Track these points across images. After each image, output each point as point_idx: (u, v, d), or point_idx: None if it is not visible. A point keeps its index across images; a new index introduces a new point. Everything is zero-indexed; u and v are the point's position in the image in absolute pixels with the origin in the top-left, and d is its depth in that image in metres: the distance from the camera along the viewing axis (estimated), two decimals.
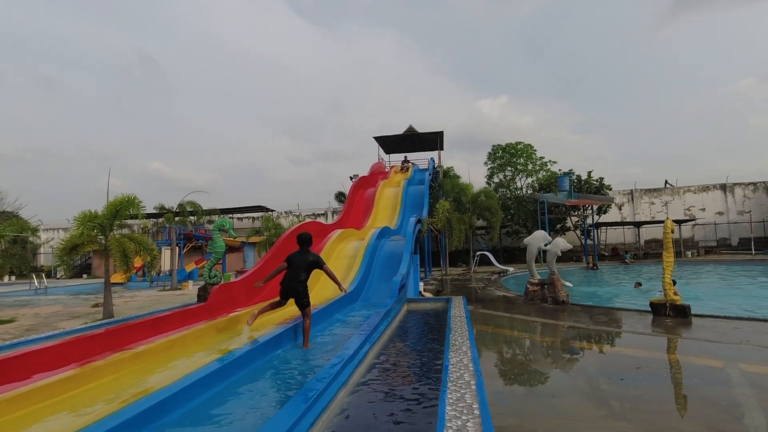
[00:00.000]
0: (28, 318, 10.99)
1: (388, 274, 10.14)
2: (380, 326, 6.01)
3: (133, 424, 2.90)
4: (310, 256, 5.88)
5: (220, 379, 3.99)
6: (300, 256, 5.81)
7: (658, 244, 30.99)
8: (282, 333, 5.55)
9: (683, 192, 33.17)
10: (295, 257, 5.79)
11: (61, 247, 10.81)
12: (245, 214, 37.59)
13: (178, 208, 22.63)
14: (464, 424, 2.45)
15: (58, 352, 4.97)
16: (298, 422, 2.67)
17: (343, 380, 3.65)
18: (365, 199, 20.33)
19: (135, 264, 19.70)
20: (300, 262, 5.76)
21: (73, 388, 4.10)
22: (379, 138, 28.05)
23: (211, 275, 10.27)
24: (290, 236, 10.79)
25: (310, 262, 5.83)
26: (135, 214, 11.26)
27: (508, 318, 8.69)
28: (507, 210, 29.87)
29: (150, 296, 16.16)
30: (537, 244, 10.70)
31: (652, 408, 3.75)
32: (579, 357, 5.77)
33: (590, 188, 29.08)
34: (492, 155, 33.61)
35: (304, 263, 5.78)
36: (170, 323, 6.62)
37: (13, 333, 8.63)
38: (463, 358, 3.98)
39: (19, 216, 30.43)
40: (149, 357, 5.02)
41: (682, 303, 7.81)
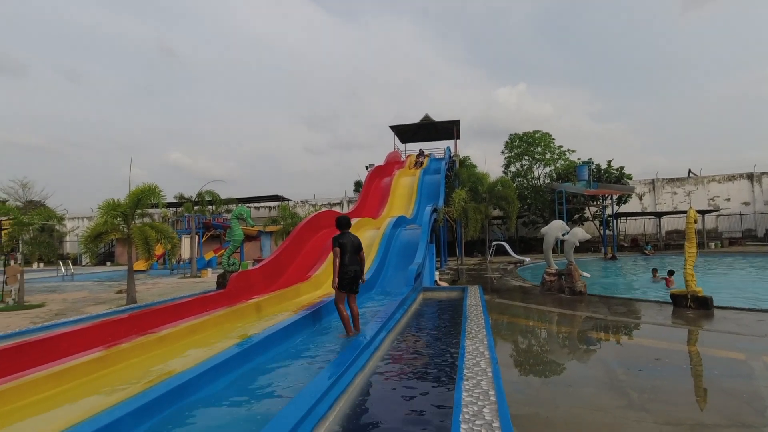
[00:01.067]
0: (57, 303, 11.42)
1: (404, 264, 10.18)
2: (396, 314, 6.06)
3: (160, 403, 3.01)
4: (356, 238, 5.77)
5: (241, 363, 4.10)
6: (349, 238, 5.66)
7: (679, 235, 30.22)
8: (300, 320, 5.65)
9: (707, 182, 32.17)
10: (346, 240, 5.61)
11: (86, 235, 11.14)
12: (262, 203, 37.99)
13: (197, 197, 23.03)
14: (480, 410, 2.47)
15: (86, 335, 5.17)
16: (316, 405, 2.73)
17: (360, 366, 3.71)
18: (381, 188, 20.33)
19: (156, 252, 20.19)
20: (352, 244, 5.63)
21: (102, 368, 4.28)
22: (395, 127, 27.90)
23: (230, 263, 10.46)
24: (306, 225, 10.90)
25: (359, 243, 5.73)
26: (156, 203, 11.51)
27: (524, 308, 8.65)
28: (524, 200, 29.49)
29: (171, 283, 16.57)
30: (554, 234, 10.57)
31: (672, 399, 3.71)
32: (596, 347, 5.73)
33: (610, 178, 28.46)
34: (509, 144, 33.12)
35: (356, 245, 5.67)
36: (191, 309, 6.80)
37: (43, 317, 9.00)
38: (479, 345, 4.00)
39: (46, 205, 31.43)
40: (172, 341, 5.18)
41: (704, 294, 7.65)
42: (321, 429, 2.64)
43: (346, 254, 5.53)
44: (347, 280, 5.49)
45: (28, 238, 13.38)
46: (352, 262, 5.56)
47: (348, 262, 5.53)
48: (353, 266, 5.55)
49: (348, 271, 5.50)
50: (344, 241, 5.59)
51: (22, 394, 3.59)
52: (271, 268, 9.19)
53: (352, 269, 5.53)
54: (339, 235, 5.68)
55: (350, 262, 5.55)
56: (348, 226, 5.83)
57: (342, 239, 5.60)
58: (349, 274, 5.50)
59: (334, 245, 5.56)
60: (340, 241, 5.56)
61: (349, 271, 5.51)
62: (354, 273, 5.53)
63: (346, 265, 5.52)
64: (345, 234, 5.70)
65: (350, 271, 5.51)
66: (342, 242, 5.56)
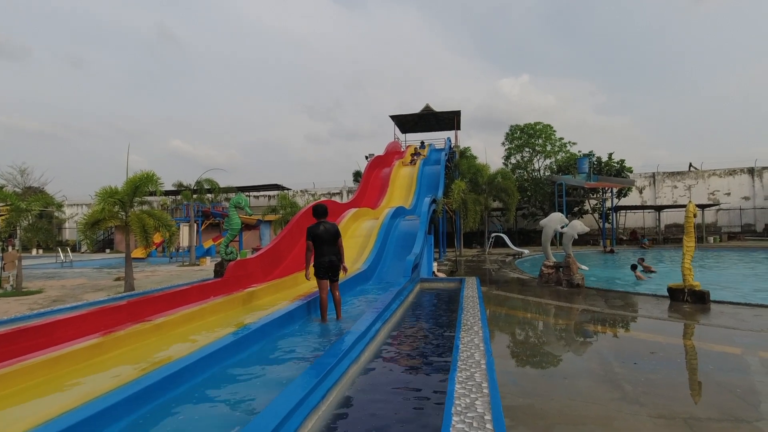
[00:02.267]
0: (55, 289, 11.43)
1: (402, 254, 10.18)
2: (393, 304, 6.06)
3: (154, 390, 3.01)
4: (333, 227, 5.75)
5: (236, 351, 4.10)
6: (324, 228, 5.65)
7: (678, 229, 30.22)
8: (295, 309, 5.65)
9: (708, 176, 32.08)
10: (320, 231, 5.60)
11: (84, 222, 11.11)
12: (261, 192, 37.92)
13: (196, 185, 22.94)
14: (473, 402, 2.47)
15: (83, 322, 5.17)
16: (309, 395, 2.73)
17: (354, 356, 3.71)
18: (380, 178, 20.26)
19: (155, 240, 20.20)
20: (327, 234, 5.61)
21: (98, 355, 4.28)
22: (396, 117, 27.72)
23: (228, 251, 10.44)
24: (305, 214, 10.87)
25: (336, 231, 5.71)
26: (154, 190, 11.46)
27: (521, 300, 8.66)
28: (524, 192, 29.43)
29: (169, 271, 16.59)
30: (553, 227, 10.55)
31: (666, 393, 3.72)
32: (592, 340, 5.74)
33: (611, 171, 28.38)
34: (510, 136, 32.96)
35: (331, 234, 5.65)
36: (188, 297, 6.80)
37: (41, 303, 9.00)
38: (474, 338, 4.00)
39: (45, 191, 31.36)
40: (168, 328, 5.19)
41: (701, 289, 7.66)
42: (313, 418, 2.64)
43: (321, 246, 5.56)
44: (323, 268, 5.56)
45: (27, 224, 13.35)
46: (329, 252, 5.59)
47: (324, 252, 5.57)
48: (329, 256, 5.58)
49: (323, 261, 5.55)
50: (319, 231, 5.59)
51: (18, 380, 3.59)
52: (270, 257, 9.18)
53: (327, 259, 5.57)
54: (314, 225, 5.67)
55: (327, 252, 5.58)
56: (325, 215, 5.81)
57: (316, 230, 5.59)
58: (324, 264, 5.55)
59: (307, 237, 5.58)
60: (315, 232, 5.57)
61: (324, 261, 5.55)
62: (329, 262, 5.56)
63: (322, 255, 5.57)
64: (321, 223, 5.68)
65: (325, 261, 5.56)
66: (316, 233, 5.57)
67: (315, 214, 5.81)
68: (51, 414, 2.68)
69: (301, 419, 2.47)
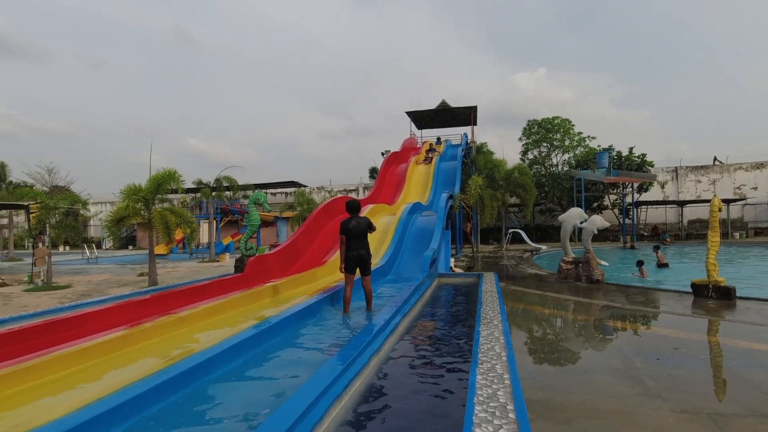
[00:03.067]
0: (82, 284, 11.82)
1: (419, 250, 10.19)
2: (411, 299, 6.10)
3: (182, 380, 3.12)
4: (364, 221, 5.98)
5: (259, 343, 4.20)
6: (356, 222, 5.88)
7: (702, 224, 29.40)
8: (315, 303, 5.74)
9: (734, 169, 31.08)
10: (351, 225, 5.84)
11: (109, 218, 11.44)
12: (278, 189, 38.32)
13: (215, 183, 23.34)
14: (495, 393, 2.49)
15: (111, 315, 5.36)
16: (332, 384, 2.79)
17: (375, 348, 3.76)
18: (397, 174, 20.27)
19: (176, 237, 20.63)
20: (359, 229, 5.85)
21: (125, 346, 4.43)
22: (411, 113, 27.66)
23: (247, 247, 10.62)
24: (322, 211, 10.98)
25: (367, 224, 5.94)
26: (175, 188, 11.72)
27: (539, 296, 8.59)
28: (541, 187, 29.05)
29: (190, 267, 16.95)
30: (572, 222, 10.43)
31: (689, 388, 3.67)
32: (613, 336, 5.67)
33: (631, 165, 27.77)
34: (527, 131, 32.53)
35: (361, 229, 5.87)
36: (210, 291, 6.96)
37: (69, 297, 9.33)
38: (494, 330, 4.01)
39: (71, 190, 32.33)
40: (192, 321, 5.33)
41: (727, 285, 7.48)
42: (337, 407, 2.70)
43: (351, 240, 5.79)
44: (352, 262, 5.79)
45: (55, 221, 13.81)
46: (358, 246, 5.80)
47: (354, 246, 5.79)
48: (358, 250, 5.79)
49: (353, 255, 5.78)
50: (350, 226, 5.83)
51: (51, 369, 3.75)
52: (288, 252, 9.31)
53: (356, 253, 5.78)
54: (346, 220, 5.93)
55: (356, 246, 5.80)
56: (356, 211, 6.06)
57: (348, 224, 5.85)
58: (354, 258, 5.78)
59: (341, 232, 5.86)
60: (346, 227, 5.83)
61: (354, 255, 5.78)
62: (358, 256, 5.78)
63: (351, 249, 5.79)
64: (352, 218, 5.92)
65: (354, 255, 5.78)
66: (347, 227, 5.82)
67: (348, 209, 6.10)
68: (85, 401, 2.80)
69: (325, 407, 2.53)
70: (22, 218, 25.26)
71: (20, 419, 2.87)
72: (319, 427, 2.42)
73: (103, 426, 2.52)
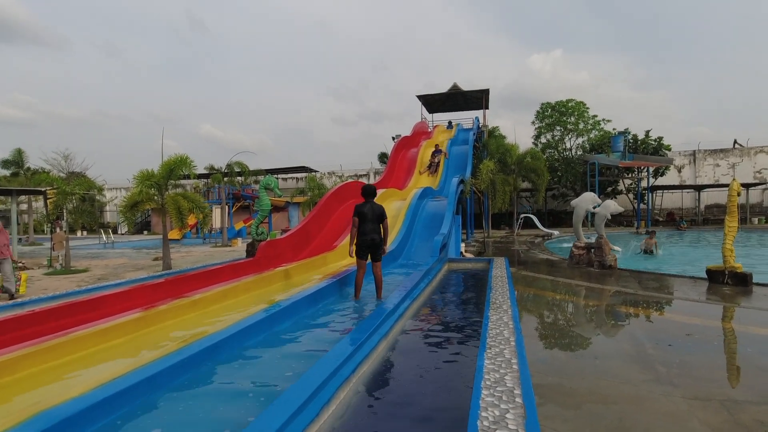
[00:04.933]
0: (99, 268, 12.09)
1: (430, 234, 10.17)
2: (421, 283, 6.11)
3: (195, 360, 3.19)
4: (379, 207, 5.86)
5: (268, 326, 4.26)
6: (370, 207, 5.78)
7: (720, 209, 28.74)
8: (326, 287, 5.78)
9: (755, 153, 30.17)
10: (365, 209, 5.73)
11: (124, 204, 11.64)
12: (290, 174, 38.44)
13: (227, 168, 23.49)
14: (502, 377, 2.49)
15: (127, 298, 5.48)
16: (341, 366, 2.82)
17: (384, 332, 3.79)
18: (407, 159, 20.12)
19: (189, 222, 20.91)
20: (373, 214, 5.75)
21: (141, 328, 4.54)
22: (422, 96, 27.30)
23: (258, 232, 10.69)
24: (333, 196, 10.99)
25: (381, 212, 5.83)
26: (187, 173, 11.83)
27: (551, 281, 8.54)
28: (554, 172, 28.63)
29: (203, 252, 17.22)
30: (585, 207, 10.28)
31: (702, 374, 3.63)
32: (625, 322, 5.63)
33: (647, 149, 27.14)
34: (540, 114, 31.91)
35: (376, 214, 5.77)
36: (222, 275, 7.05)
37: (87, 281, 9.57)
38: (503, 315, 4.00)
39: (87, 176, 32.85)
40: (205, 304, 5.42)
41: (744, 271, 7.34)
42: (345, 389, 2.74)
43: (365, 223, 5.69)
44: (364, 247, 5.69)
45: (72, 207, 14.08)
46: (371, 231, 5.70)
47: (367, 230, 5.69)
48: (371, 235, 5.69)
49: (365, 240, 5.68)
50: (364, 210, 5.72)
51: (71, 349, 3.86)
52: (299, 237, 9.36)
53: (369, 238, 5.68)
54: (361, 204, 5.82)
55: (369, 230, 5.70)
56: (372, 196, 5.94)
57: (362, 208, 5.74)
58: (366, 242, 5.67)
59: (354, 214, 5.74)
60: (360, 210, 5.72)
61: (366, 239, 5.68)
62: (371, 241, 5.68)
63: (365, 234, 5.69)
64: (367, 203, 5.82)
65: (367, 239, 5.68)
66: (362, 211, 5.71)
67: (363, 193, 5.97)
68: (103, 380, 2.89)
69: (334, 389, 2.57)
70: (40, 204, 25.82)
71: (41, 397, 2.97)
72: (328, 407, 2.46)
73: (117, 405, 2.59)
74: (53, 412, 2.34)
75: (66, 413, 2.32)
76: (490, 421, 2.00)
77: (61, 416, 2.29)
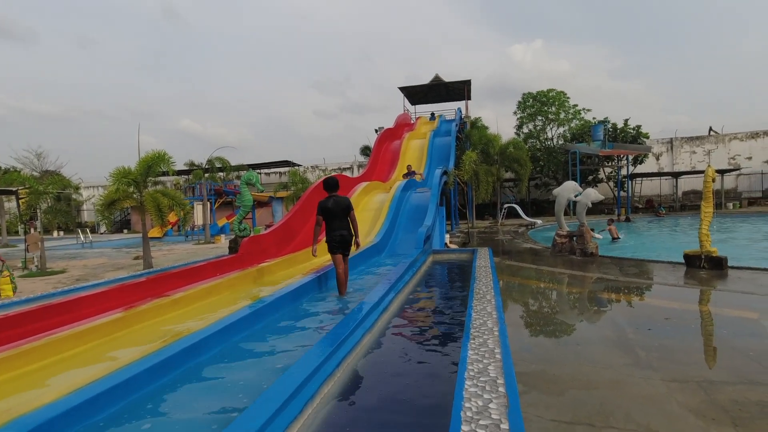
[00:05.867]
0: (78, 269, 11.78)
1: (414, 227, 10.18)
2: (405, 276, 6.11)
3: (174, 361, 3.12)
4: (344, 200, 5.59)
5: (252, 323, 4.20)
6: (335, 202, 5.50)
7: (696, 195, 29.51)
8: (308, 282, 5.73)
9: (729, 140, 31.00)
10: (330, 205, 5.46)
11: (101, 202, 11.33)
12: (272, 169, 38.02)
13: (207, 164, 23.09)
14: (485, 367, 2.50)
15: (106, 298, 5.35)
16: (324, 363, 2.79)
17: (368, 326, 3.77)
18: (391, 151, 20.08)
19: (170, 219, 20.51)
20: (338, 208, 5.47)
21: (120, 329, 4.43)
22: (405, 88, 27.21)
23: (241, 228, 10.56)
24: (316, 189, 10.89)
25: (347, 205, 5.55)
26: (166, 170, 11.57)
27: (534, 270, 8.65)
28: (536, 161, 28.96)
29: (186, 249, 16.93)
30: (567, 195, 10.42)
31: (680, 358, 3.72)
32: (606, 308, 5.74)
33: (626, 137, 27.65)
34: (522, 104, 32.17)
35: (342, 208, 5.50)
36: (205, 273, 6.94)
37: (65, 282, 9.31)
38: (487, 306, 4.02)
39: (61, 174, 31.91)
40: (186, 303, 5.32)
41: (719, 255, 7.54)
42: (329, 384, 2.71)
43: (332, 220, 5.46)
44: (335, 243, 5.46)
45: (46, 206, 13.67)
46: (339, 227, 5.47)
47: (335, 227, 5.46)
48: (340, 231, 5.47)
49: (334, 236, 5.45)
50: (328, 205, 5.45)
51: (46, 353, 3.74)
52: (282, 232, 9.27)
53: (338, 234, 5.45)
54: (324, 199, 5.53)
55: (337, 227, 5.47)
56: (335, 188, 5.65)
57: (326, 203, 5.47)
58: (336, 239, 5.45)
59: (317, 212, 5.47)
60: (324, 206, 5.45)
61: (335, 235, 5.45)
62: (340, 237, 5.46)
63: (333, 230, 5.47)
64: (331, 197, 5.54)
65: (336, 236, 5.45)
66: (326, 206, 5.44)
67: (326, 187, 5.69)
68: (79, 384, 2.80)
69: (317, 385, 2.54)
70: (13, 204, 25.00)
71: (13, 403, 2.87)
72: (311, 404, 2.43)
73: (97, 408, 2.52)
74: (26, 419, 2.26)
75: (39, 419, 2.24)
76: (474, 411, 2.00)
77: (35, 423, 2.21)
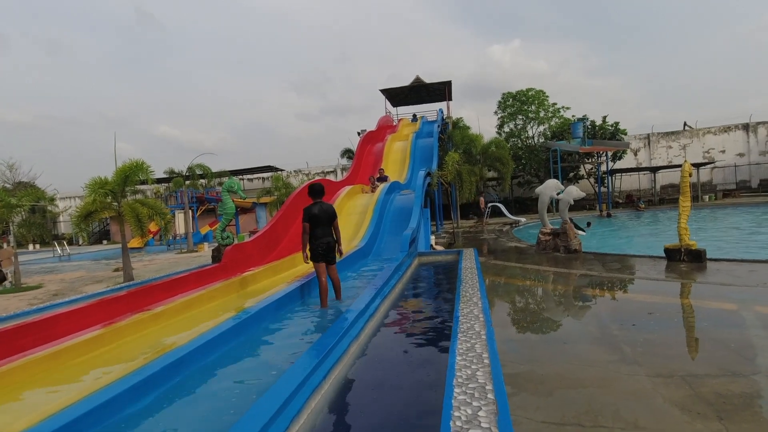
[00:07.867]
0: (54, 283, 11.42)
1: (399, 229, 10.16)
2: (391, 280, 6.07)
3: (157, 379, 3.02)
4: (330, 207, 5.53)
5: (236, 336, 4.11)
6: (320, 209, 5.42)
7: (674, 189, 30.29)
8: (292, 291, 5.64)
9: (703, 134, 31.90)
10: (316, 211, 5.37)
11: (77, 214, 11.01)
12: (255, 174, 37.61)
13: (188, 171, 22.70)
14: (474, 373, 2.48)
15: (84, 315, 5.17)
16: (311, 375, 2.74)
17: (355, 334, 3.72)
18: (374, 154, 20.06)
19: (151, 229, 20.07)
20: (324, 215, 5.40)
21: (99, 347, 4.29)
22: (386, 90, 27.25)
23: (224, 236, 10.39)
24: (300, 195, 10.79)
25: (332, 213, 5.50)
26: (144, 179, 11.31)
27: (520, 268, 8.71)
28: (518, 160, 29.30)
29: (168, 259, 16.58)
30: (549, 193, 10.54)
31: (664, 352, 3.77)
32: (591, 304, 5.80)
33: (605, 134, 28.21)
34: (502, 104, 32.53)
35: (328, 215, 5.44)
36: (187, 284, 6.79)
37: (41, 298, 9.00)
38: (474, 308, 4.01)
39: (35, 186, 30.95)
40: (168, 317, 5.19)
41: (698, 248, 7.71)
42: (317, 397, 2.66)
43: (317, 227, 5.37)
44: (320, 252, 5.38)
45: (20, 220, 13.21)
46: (324, 234, 5.40)
47: (319, 234, 5.38)
48: (325, 238, 5.40)
49: (320, 244, 5.37)
50: (315, 211, 5.37)
51: (21, 375, 3.60)
52: (266, 239, 9.15)
53: (324, 241, 5.38)
54: (310, 206, 5.44)
55: (322, 234, 5.39)
56: (321, 195, 5.58)
57: (312, 210, 5.39)
58: (321, 246, 5.37)
59: (303, 219, 5.38)
60: (311, 213, 5.36)
61: (321, 243, 5.37)
62: (326, 245, 5.39)
63: (318, 238, 5.38)
64: (317, 204, 5.46)
65: (322, 243, 5.37)
66: (313, 213, 5.36)
67: (311, 193, 5.59)
68: (54, 408, 2.68)
69: (304, 398, 2.48)
70: None
71: None
72: (299, 418, 2.38)
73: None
74: None
75: None
76: (463, 421, 1.97)
77: None
